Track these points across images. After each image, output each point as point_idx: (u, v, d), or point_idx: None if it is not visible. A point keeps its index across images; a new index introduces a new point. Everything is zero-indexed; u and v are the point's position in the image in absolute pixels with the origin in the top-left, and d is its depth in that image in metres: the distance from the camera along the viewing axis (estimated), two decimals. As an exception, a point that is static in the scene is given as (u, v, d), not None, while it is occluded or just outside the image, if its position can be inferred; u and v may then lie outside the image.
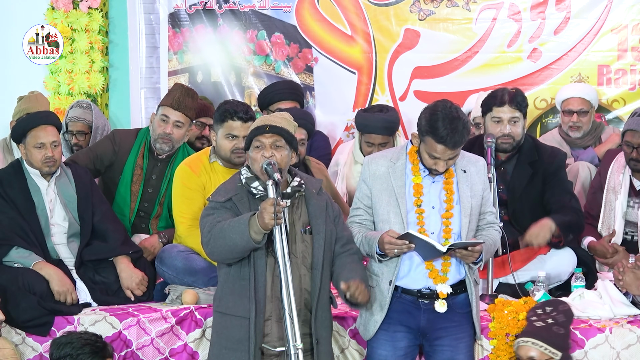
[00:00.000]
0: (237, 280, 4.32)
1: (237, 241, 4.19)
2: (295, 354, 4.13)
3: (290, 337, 4.15)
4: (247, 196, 4.36)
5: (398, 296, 4.51)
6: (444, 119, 4.32)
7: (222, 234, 4.22)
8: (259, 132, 4.36)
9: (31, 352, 5.07)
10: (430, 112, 4.39)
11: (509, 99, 5.33)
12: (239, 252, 4.24)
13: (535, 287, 5.05)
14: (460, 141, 4.37)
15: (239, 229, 4.18)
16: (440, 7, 7.12)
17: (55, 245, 5.32)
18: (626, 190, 5.65)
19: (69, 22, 7.43)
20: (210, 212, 4.35)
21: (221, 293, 4.40)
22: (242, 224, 4.19)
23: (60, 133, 5.44)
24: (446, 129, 4.31)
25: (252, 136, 4.38)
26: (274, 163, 4.28)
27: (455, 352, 4.54)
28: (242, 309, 4.28)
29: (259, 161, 4.32)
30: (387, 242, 4.37)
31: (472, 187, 4.52)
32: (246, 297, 4.27)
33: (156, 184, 5.79)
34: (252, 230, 4.15)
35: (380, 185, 4.51)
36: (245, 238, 4.16)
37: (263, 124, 4.39)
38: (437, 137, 4.33)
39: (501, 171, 5.38)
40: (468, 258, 4.44)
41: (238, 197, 4.35)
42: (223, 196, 4.37)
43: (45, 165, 5.29)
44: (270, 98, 6.74)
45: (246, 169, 4.43)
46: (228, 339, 4.33)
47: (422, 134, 4.41)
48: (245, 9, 7.39)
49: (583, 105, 6.53)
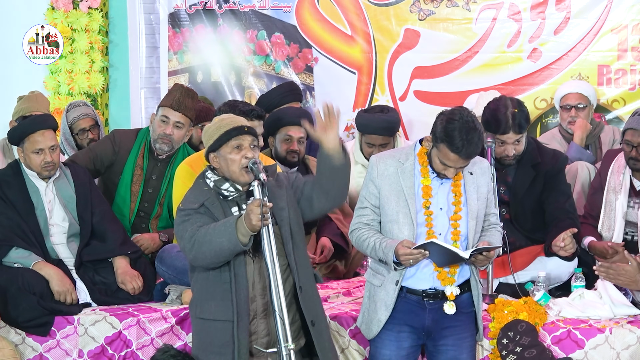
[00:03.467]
0: (218, 285, 4.28)
1: (224, 245, 4.15)
2: (287, 354, 4.13)
3: (282, 338, 4.13)
4: (218, 199, 4.32)
5: (403, 296, 4.50)
6: (461, 129, 4.28)
7: (208, 239, 4.18)
8: (238, 132, 4.30)
9: (31, 352, 5.07)
10: (447, 119, 4.34)
11: (512, 124, 5.23)
12: (225, 255, 4.20)
13: (535, 287, 5.04)
14: (474, 152, 4.35)
15: (226, 232, 4.14)
16: (440, 7, 7.12)
17: (54, 246, 5.32)
18: (626, 191, 5.64)
19: (69, 22, 7.44)
20: (185, 218, 4.29)
21: (200, 299, 4.35)
22: (228, 227, 4.15)
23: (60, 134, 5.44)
24: (462, 140, 4.28)
25: (229, 137, 4.30)
26: (259, 162, 4.24)
27: (458, 352, 4.54)
28: (225, 313, 4.25)
29: (238, 162, 4.27)
30: (403, 253, 4.34)
31: (478, 190, 4.52)
32: (228, 301, 4.24)
33: (156, 184, 5.79)
34: (240, 233, 4.12)
35: (389, 185, 4.50)
36: (233, 241, 4.12)
37: (239, 124, 4.34)
38: (452, 147, 4.31)
39: (503, 173, 5.37)
40: (483, 262, 4.45)
41: (210, 202, 4.30)
42: (195, 202, 4.31)
43: (45, 170, 5.29)
44: (278, 101, 6.72)
45: (211, 172, 4.37)
46: (212, 344, 4.29)
47: (437, 140, 4.36)
48: (245, 9, 7.40)
49: (581, 100, 6.54)
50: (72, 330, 5.08)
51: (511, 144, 5.28)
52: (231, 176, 4.31)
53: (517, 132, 5.26)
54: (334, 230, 6.04)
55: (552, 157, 5.46)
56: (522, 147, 5.34)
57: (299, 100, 6.79)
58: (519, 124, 5.25)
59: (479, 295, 4.57)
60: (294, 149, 6.01)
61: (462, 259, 4.38)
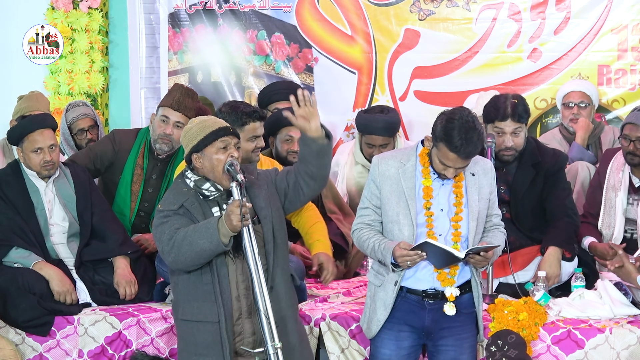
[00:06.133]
0: (200, 286, 4.29)
1: (205, 246, 4.16)
2: (275, 353, 4.13)
3: (268, 337, 4.14)
4: (198, 200, 4.32)
5: (403, 296, 4.50)
6: (460, 128, 4.29)
7: (188, 240, 4.18)
8: (224, 132, 4.32)
9: (31, 352, 5.07)
10: (447, 119, 4.35)
11: (511, 112, 5.26)
12: (206, 257, 4.21)
13: (535, 287, 5.04)
14: (473, 152, 4.36)
15: (207, 233, 4.15)
16: (440, 7, 7.12)
17: (54, 245, 5.32)
18: (625, 188, 5.65)
19: (69, 22, 7.44)
20: (164, 220, 4.30)
21: (183, 301, 4.35)
22: (209, 228, 4.16)
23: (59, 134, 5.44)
24: (461, 139, 4.29)
25: (216, 137, 4.30)
26: (235, 164, 4.25)
27: (459, 352, 4.54)
28: (210, 314, 4.26)
29: (224, 162, 4.28)
30: (400, 255, 4.35)
31: (480, 191, 4.52)
32: (212, 302, 4.25)
33: (156, 183, 5.79)
34: (221, 234, 4.13)
35: (390, 186, 4.50)
36: (215, 242, 4.13)
37: (225, 125, 4.36)
38: (451, 146, 4.31)
39: (503, 172, 5.38)
40: (481, 263, 4.45)
41: (189, 203, 4.31)
42: (174, 203, 4.32)
43: (44, 169, 5.29)
44: (268, 98, 6.74)
45: (190, 172, 4.37)
46: (197, 345, 4.30)
47: (436, 139, 4.37)
48: (245, 9, 7.39)
49: (583, 98, 6.54)
50: (72, 330, 5.08)
51: (509, 134, 5.28)
52: (215, 177, 4.31)
53: (515, 120, 5.27)
54: (334, 230, 6.04)
55: (552, 156, 5.47)
56: (521, 141, 5.33)
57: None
58: (518, 113, 5.27)
59: (480, 296, 4.58)
60: (295, 149, 6.00)
61: (458, 259, 4.38)
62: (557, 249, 5.29)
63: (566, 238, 5.34)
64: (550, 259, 5.26)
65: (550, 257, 5.27)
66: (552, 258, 5.26)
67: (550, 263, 5.25)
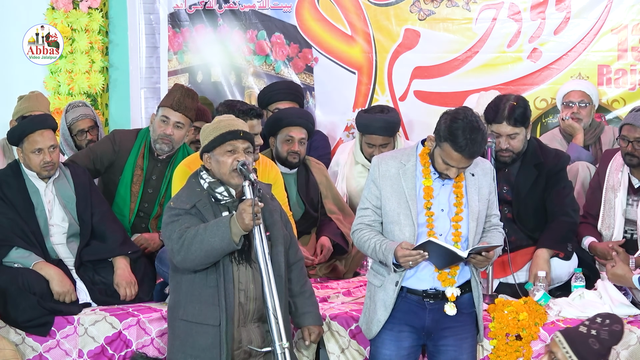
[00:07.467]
0: (204, 288, 4.29)
1: (216, 244, 4.16)
2: (282, 353, 4.14)
3: (276, 337, 4.15)
4: (210, 202, 4.33)
5: (403, 296, 4.50)
6: (464, 128, 4.29)
7: (199, 239, 4.18)
8: (233, 136, 4.32)
9: (31, 352, 5.07)
10: (451, 118, 4.35)
11: (507, 115, 5.24)
12: (216, 255, 4.21)
13: (535, 287, 5.04)
14: (477, 152, 4.36)
15: (219, 231, 4.15)
16: (440, 7, 7.12)
17: (54, 246, 5.32)
18: (625, 188, 5.66)
19: (69, 22, 7.44)
20: (175, 218, 4.30)
21: (184, 301, 4.35)
22: (221, 226, 4.16)
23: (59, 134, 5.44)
24: (466, 139, 4.28)
25: (223, 140, 4.31)
26: (248, 163, 4.25)
27: (459, 352, 4.54)
28: (212, 317, 4.26)
29: (229, 165, 4.29)
30: (402, 255, 4.35)
31: (480, 191, 4.53)
32: (215, 305, 4.25)
33: (156, 184, 5.79)
34: (232, 232, 4.14)
35: (390, 186, 4.50)
36: (227, 240, 4.14)
37: (235, 128, 4.34)
38: (456, 146, 4.31)
39: (505, 172, 5.37)
40: (483, 263, 4.45)
41: (202, 204, 4.32)
42: (187, 203, 4.32)
43: (44, 170, 5.29)
44: (269, 98, 6.75)
45: (206, 173, 4.38)
46: (194, 346, 4.30)
47: (440, 139, 4.37)
48: (245, 9, 7.40)
49: (583, 97, 6.55)
50: (72, 330, 5.08)
51: (504, 137, 5.27)
52: (222, 178, 4.32)
53: (511, 124, 5.25)
54: (334, 230, 6.04)
55: (555, 156, 5.47)
56: (519, 144, 5.31)
57: (296, 100, 6.78)
58: (514, 118, 5.24)
59: (480, 296, 4.58)
60: (295, 150, 6.00)
61: (460, 258, 4.38)
62: (546, 251, 5.28)
63: (559, 239, 5.33)
64: (538, 260, 5.26)
65: (537, 259, 5.26)
66: (539, 260, 5.26)
67: (536, 264, 5.25)
